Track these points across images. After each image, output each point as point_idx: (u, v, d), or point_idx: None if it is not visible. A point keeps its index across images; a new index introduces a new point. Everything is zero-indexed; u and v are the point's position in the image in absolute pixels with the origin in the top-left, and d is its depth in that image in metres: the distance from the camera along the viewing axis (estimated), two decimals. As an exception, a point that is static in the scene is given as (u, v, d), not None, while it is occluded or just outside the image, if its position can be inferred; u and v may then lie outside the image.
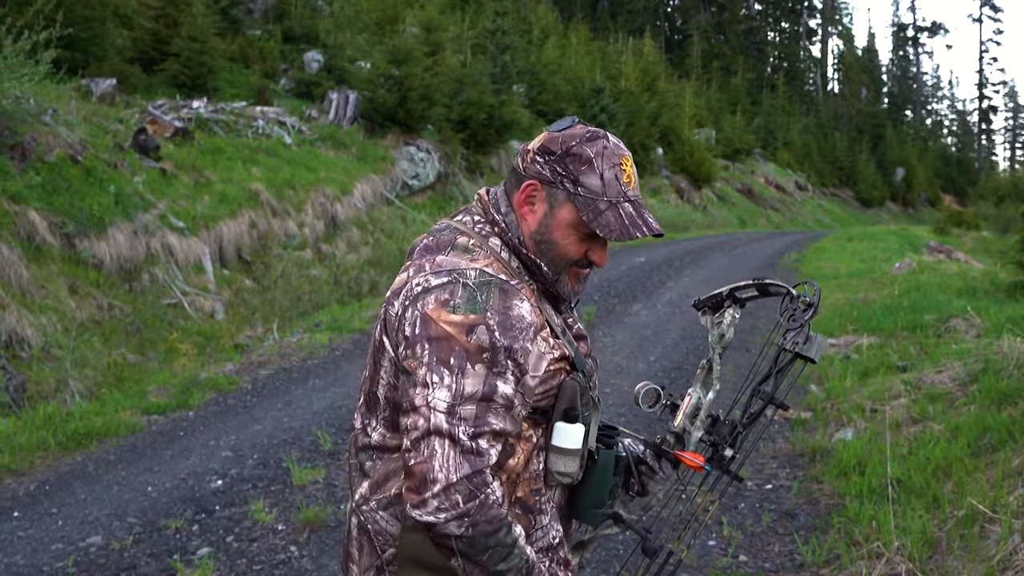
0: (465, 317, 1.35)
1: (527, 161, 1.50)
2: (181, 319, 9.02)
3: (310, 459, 5.03)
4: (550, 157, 1.47)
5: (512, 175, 1.53)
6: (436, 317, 1.36)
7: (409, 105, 16.74)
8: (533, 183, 1.48)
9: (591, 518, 1.59)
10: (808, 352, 1.79)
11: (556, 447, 1.48)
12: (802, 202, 38.02)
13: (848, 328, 7.64)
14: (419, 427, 1.33)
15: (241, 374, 7.01)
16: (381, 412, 1.49)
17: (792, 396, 6.02)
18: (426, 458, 1.32)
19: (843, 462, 4.49)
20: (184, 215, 10.60)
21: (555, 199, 1.47)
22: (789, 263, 14.56)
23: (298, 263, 11.43)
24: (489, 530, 1.33)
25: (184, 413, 6.04)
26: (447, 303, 1.36)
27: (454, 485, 1.30)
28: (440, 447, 1.31)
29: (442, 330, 1.35)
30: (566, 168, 1.46)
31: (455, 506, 1.30)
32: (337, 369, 7.15)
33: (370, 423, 1.51)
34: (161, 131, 12.42)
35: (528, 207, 1.50)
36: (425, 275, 1.42)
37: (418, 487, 1.32)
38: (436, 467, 1.31)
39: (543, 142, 1.49)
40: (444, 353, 1.34)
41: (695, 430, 1.78)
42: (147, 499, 4.53)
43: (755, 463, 4.82)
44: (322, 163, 14.59)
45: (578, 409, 1.48)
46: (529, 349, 1.39)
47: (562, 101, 23.97)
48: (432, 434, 1.32)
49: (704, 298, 1.88)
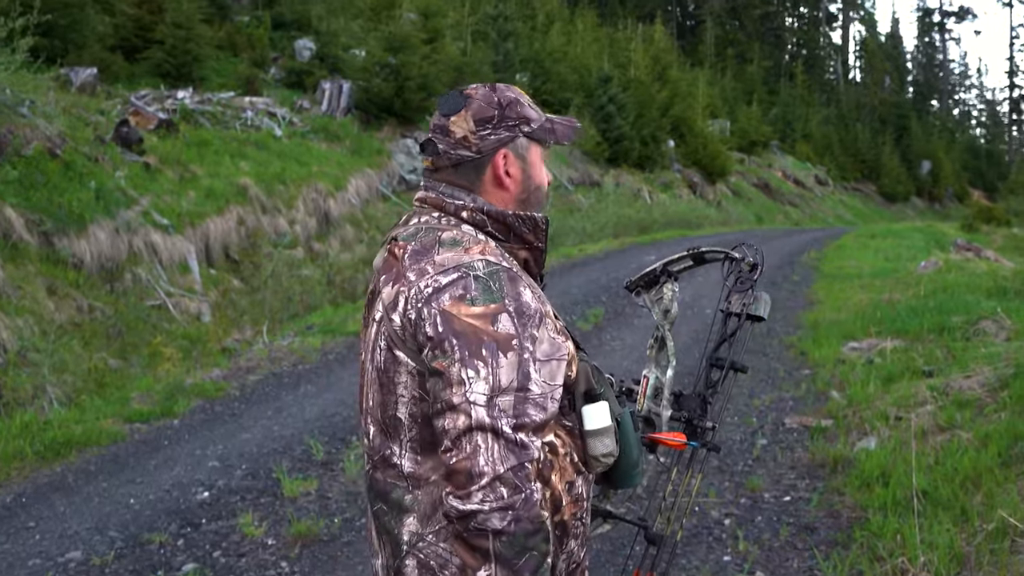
0: (486, 308, 1.39)
1: (475, 143, 1.55)
2: (165, 322, 9.03)
3: (302, 469, 5.03)
4: (493, 121, 1.55)
5: (460, 169, 1.57)
6: (457, 312, 1.39)
7: (406, 95, 16.76)
8: (502, 151, 1.56)
9: (633, 479, 1.65)
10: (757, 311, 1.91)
11: (590, 431, 1.54)
12: (822, 197, 37.98)
13: (871, 330, 7.63)
14: (459, 425, 1.35)
15: (229, 380, 7.01)
16: (406, 433, 1.49)
17: (812, 403, 6.02)
18: (469, 454, 1.34)
19: (866, 473, 4.48)
20: (169, 212, 10.61)
21: (520, 149, 1.58)
22: (809, 261, 14.54)
23: (289, 262, 11.43)
24: (530, 529, 1.34)
25: (169, 421, 6.04)
26: (464, 297, 1.40)
27: (500, 477, 1.33)
28: (483, 441, 1.34)
29: (467, 324, 1.38)
30: (512, 117, 1.57)
31: (500, 498, 1.33)
32: (330, 374, 7.15)
33: (394, 451, 1.50)
34: (144, 123, 12.44)
35: (508, 178, 1.57)
36: (431, 276, 1.44)
37: (464, 483, 1.34)
38: (481, 461, 1.33)
39: (473, 117, 1.55)
40: (474, 346, 1.37)
41: (663, 410, 1.84)
42: (130, 512, 4.53)
43: (773, 474, 4.82)
44: (314, 156, 14.61)
45: (595, 387, 1.56)
46: (537, 336, 1.43)
47: (567, 90, 23.97)
48: (475, 430, 1.35)
49: (636, 278, 1.96)
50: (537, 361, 1.41)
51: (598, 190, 21.45)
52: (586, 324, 8.49)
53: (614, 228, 18.21)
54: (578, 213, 18.33)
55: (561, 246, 14.72)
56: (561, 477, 1.53)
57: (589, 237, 16.51)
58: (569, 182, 20.66)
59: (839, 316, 8.79)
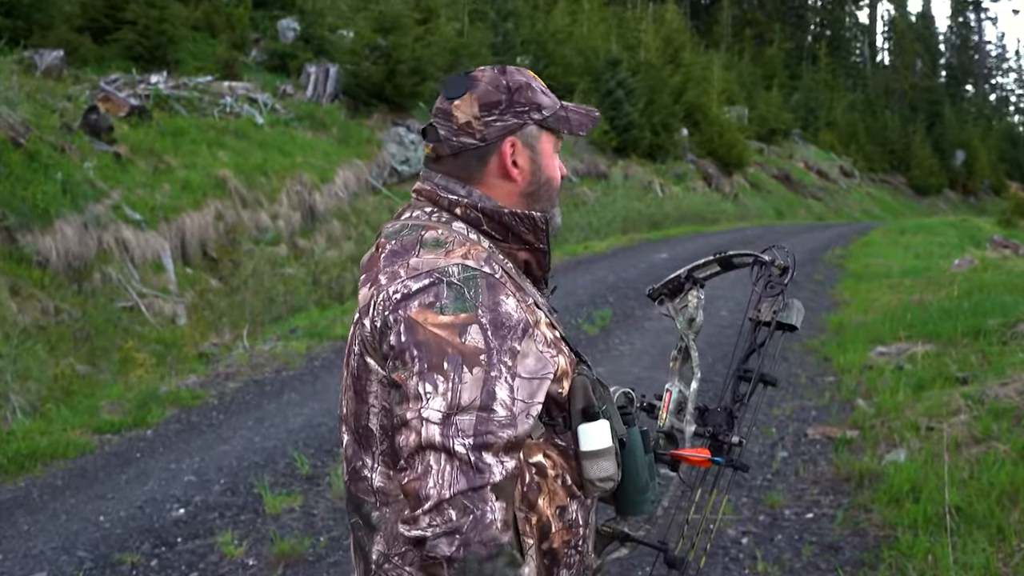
0: (455, 317, 1.37)
1: (480, 130, 1.52)
2: (138, 325, 9.04)
3: (285, 484, 5.03)
4: (500, 106, 1.53)
5: (461, 158, 1.55)
6: (423, 320, 1.37)
7: (398, 80, 16.77)
8: (509, 140, 1.54)
9: (641, 506, 1.61)
10: (788, 319, 1.89)
11: (586, 452, 1.51)
12: (848, 190, 37.99)
13: (901, 334, 7.64)
14: (411, 443, 1.34)
15: (206, 387, 7.01)
16: (377, 446, 1.47)
17: (836, 412, 6.02)
18: (420, 475, 1.32)
19: (895, 487, 4.48)
20: (141, 206, 10.62)
21: (530, 138, 1.56)
22: (833, 259, 14.54)
23: (271, 260, 11.44)
24: (483, 554, 1.30)
25: (141, 432, 6.05)
26: (433, 305, 1.38)
27: (447, 501, 1.30)
28: (435, 462, 1.32)
29: (431, 334, 1.36)
30: (522, 103, 1.54)
31: (447, 521, 1.30)
32: (316, 381, 7.15)
33: (365, 463, 1.50)
34: (115, 110, 12.45)
35: (515, 169, 1.55)
36: (401, 280, 1.42)
37: (413, 505, 1.33)
38: (429, 483, 1.31)
39: (478, 102, 1.52)
40: (436, 358, 1.35)
41: (686, 425, 1.84)
42: (99, 530, 4.54)
43: (794, 489, 4.82)
44: (299, 146, 14.61)
45: (595, 404, 1.51)
46: (518, 350, 1.40)
47: (572, 74, 23.99)
48: (425, 448, 1.33)
49: (659, 285, 1.96)
50: (516, 377, 1.38)
51: (605, 182, 21.47)
52: (592, 327, 8.49)
53: (622, 223, 18.22)
54: (584, 207, 18.35)
55: (565, 243, 14.72)
56: (551, 501, 1.50)
57: (595, 233, 16.52)
58: (574, 174, 20.67)
59: (866, 318, 8.79)
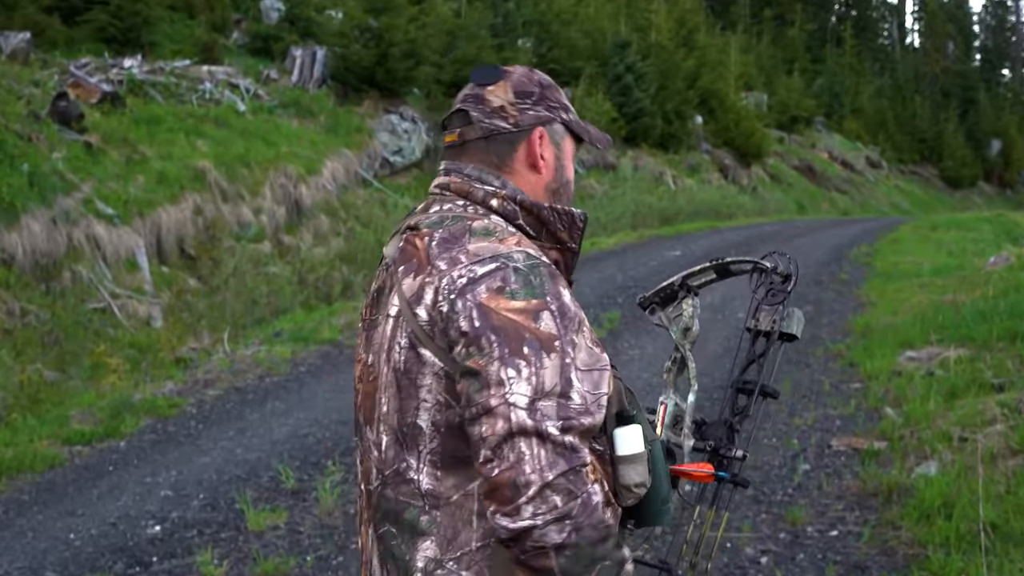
0: (527, 303, 1.43)
1: (514, 115, 1.63)
2: (110, 327, 9.04)
3: (269, 499, 5.03)
4: (533, 97, 1.65)
5: (492, 142, 1.63)
6: (495, 306, 1.42)
7: (390, 64, 16.76)
8: (539, 130, 1.65)
9: (663, 517, 1.67)
10: (789, 328, 1.95)
11: (622, 456, 1.56)
12: (875, 182, 37.98)
13: (932, 337, 7.63)
14: (499, 430, 1.37)
15: (184, 395, 7.02)
16: (426, 444, 1.50)
17: (863, 421, 6.02)
18: (513, 463, 1.36)
19: (925, 503, 4.48)
20: (114, 199, 10.62)
21: (556, 135, 1.68)
22: (859, 257, 14.54)
23: (254, 258, 11.44)
24: (595, 537, 1.37)
25: (114, 443, 6.05)
26: (503, 290, 1.43)
27: (549, 486, 1.35)
28: (528, 447, 1.36)
29: (506, 319, 1.41)
30: (552, 100, 1.68)
31: (554, 508, 1.34)
32: (302, 389, 7.16)
33: (410, 465, 1.51)
34: (86, 96, 12.45)
35: (541, 160, 1.65)
36: (465, 265, 1.47)
37: (510, 496, 1.35)
38: (527, 470, 1.35)
39: (513, 90, 1.64)
40: (515, 344, 1.40)
41: (684, 439, 1.88)
42: (69, 549, 4.54)
43: (817, 504, 4.82)
44: (283, 135, 14.61)
45: (627, 408, 1.59)
46: (576, 342, 1.46)
47: (578, 58, 23.98)
48: (516, 435, 1.36)
49: (651, 293, 2.03)
50: (578, 369, 1.43)
51: (613, 174, 21.47)
52: (600, 330, 8.50)
53: (632, 218, 18.21)
54: (590, 201, 18.34)
55: (571, 239, 14.69)
56: None
57: (603, 229, 16.51)
58: (580, 165, 20.67)
59: (894, 320, 8.78)
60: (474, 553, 1.47)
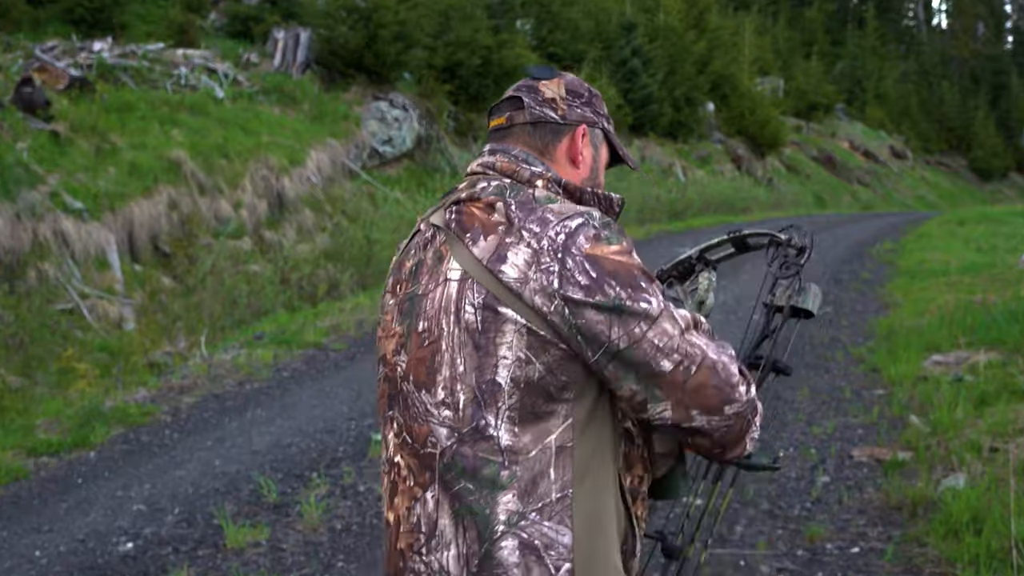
0: (621, 246, 1.65)
1: (563, 108, 1.83)
2: (79, 330, 9.04)
3: (249, 514, 5.04)
4: (583, 98, 1.86)
5: (539, 128, 1.83)
6: (601, 253, 1.63)
7: (379, 47, 16.76)
8: (583, 128, 1.85)
9: (683, 490, 1.89)
10: (805, 304, 2.03)
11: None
12: (899, 174, 38.03)
13: (960, 341, 7.64)
14: (686, 353, 1.64)
15: (158, 402, 7.01)
16: (505, 400, 1.65)
17: (886, 431, 6.03)
18: (712, 367, 1.66)
19: (953, 517, 4.48)
20: (83, 193, 10.62)
21: (596, 139, 1.89)
22: (882, 254, 14.56)
23: (233, 256, 11.44)
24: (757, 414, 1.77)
25: (83, 454, 6.05)
26: (598, 237, 1.64)
27: (741, 376, 1.69)
28: (705, 355, 1.66)
29: (614, 261, 1.63)
30: (599, 107, 1.89)
31: (749, 391, 1.70)
32: (285, 395, 7.16)
33: (489, 422, 1.66)
34: (53, 82, 12.45)
35: (580, 156, 1.85)
36: (556, 224, 1.64)
37: (720, 391, 1.66)
38: (722, 374, 1.66)
39: (565, 87, 1.85)
40: (634, 280, 1.62)
41: None
42: (34, 567, 4.54)
43: (837, 519, 4.82)
44: (265, 124, 14.61)
45: None
46: None
47: (580, 41, 24.01)
48: (696, 353, 1.65)
49: (668, 266, 2.16)
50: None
51: (618, 166, 21.45)
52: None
53: (638, 213, 18.24)
54: (594, 194, 18.34)
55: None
56: (633, 472, 1.76)
57: (608, 224, 16.50)
58: (583, 155, 20.66)
59: (920, 322, 8.79)
60: (554, 504, 1.64)
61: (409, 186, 15.73)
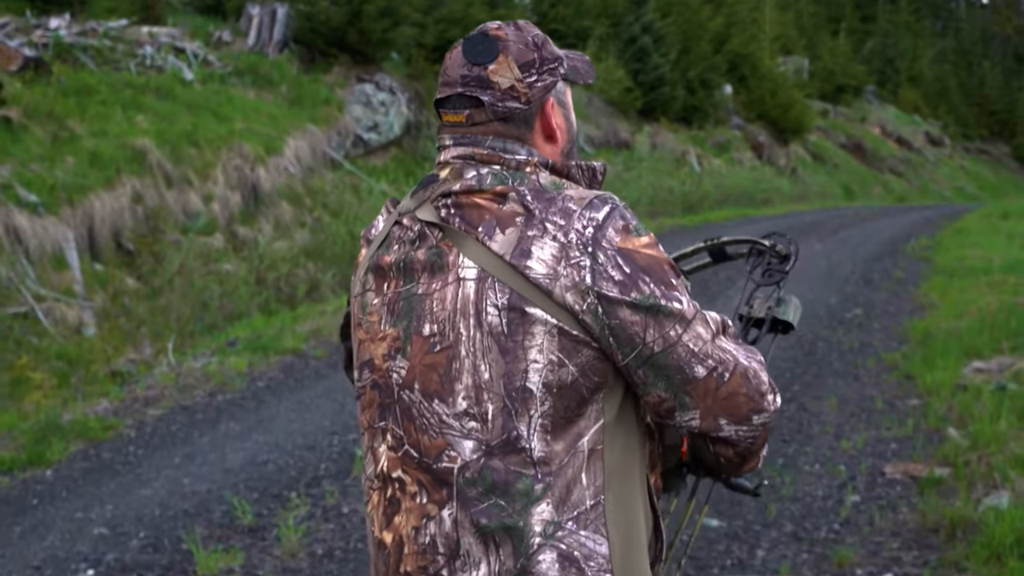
0: (649, 237, 1.69)
1: (525, 92, 1.76)
2: (34, 336, 9.03)
3: (222, 538, 5.03)
4: (535, 65, 1.78)
5: (509, 123, 1.78)
6: (632, 247, 1.66)
7: (364, 24, 16.76)
8: (551, 100, 1.82)
9: (681, 483, 1.97)
10: (784, 315, 2.07)
11: None
12: (936, 163, 38.05)
13: (1003, 345, 7.65)
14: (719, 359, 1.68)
15: (121, 415, 7.01)
16: (537, 407, 1.67)
17: (922, 445, 6.03)
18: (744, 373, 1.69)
19: (996, 540, 4.49)
20: (38, 184, 10.61)
21: (560, 93, 1.85)
22: (917, 251, 14.57)
23: (204, 254, 11.43)
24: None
25: (39, 472, 6.04)
26: (628, 228, 1.67)
27: (769, 384, 1.74)
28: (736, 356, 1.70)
29: (646, 256, 1.66)
30: (549, 58, 1.81)
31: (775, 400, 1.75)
32: (261, 407, 7.15)
33: (521, 433, 1.67)
34: (4, 63, 12.44)
35: (556, 128, 1.83)
36: (579, 214, 1.67)
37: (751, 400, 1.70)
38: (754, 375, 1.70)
39: (515, 63, 1.76)
40: (665, 276, 1.66)
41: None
42: (-15, 597, 4.54)
43: (868, 542, 4.83)
44: (238, 108, 14.61)
45: None
46: None
47: (585, 16, 24.02)
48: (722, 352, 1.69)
49: None
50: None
51: (628, 153, 21.49)
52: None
53: (649, 205, 18.24)
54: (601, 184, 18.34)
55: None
56: (655, 472, 1.83)
57: (616, 218, 16.50)
58: (589, 143, 20.70)
59: (959, 325, 8.80)
60: (588, 512, 1.68)
61: (397, 177, 15.73)
